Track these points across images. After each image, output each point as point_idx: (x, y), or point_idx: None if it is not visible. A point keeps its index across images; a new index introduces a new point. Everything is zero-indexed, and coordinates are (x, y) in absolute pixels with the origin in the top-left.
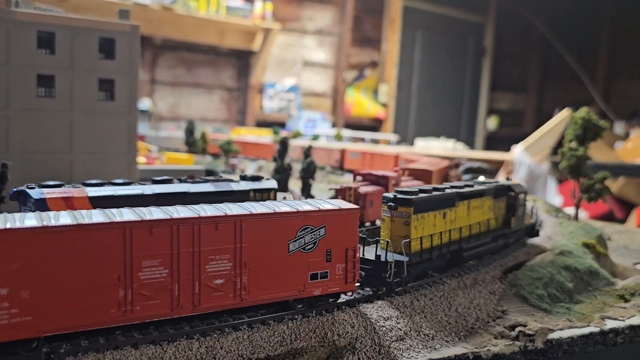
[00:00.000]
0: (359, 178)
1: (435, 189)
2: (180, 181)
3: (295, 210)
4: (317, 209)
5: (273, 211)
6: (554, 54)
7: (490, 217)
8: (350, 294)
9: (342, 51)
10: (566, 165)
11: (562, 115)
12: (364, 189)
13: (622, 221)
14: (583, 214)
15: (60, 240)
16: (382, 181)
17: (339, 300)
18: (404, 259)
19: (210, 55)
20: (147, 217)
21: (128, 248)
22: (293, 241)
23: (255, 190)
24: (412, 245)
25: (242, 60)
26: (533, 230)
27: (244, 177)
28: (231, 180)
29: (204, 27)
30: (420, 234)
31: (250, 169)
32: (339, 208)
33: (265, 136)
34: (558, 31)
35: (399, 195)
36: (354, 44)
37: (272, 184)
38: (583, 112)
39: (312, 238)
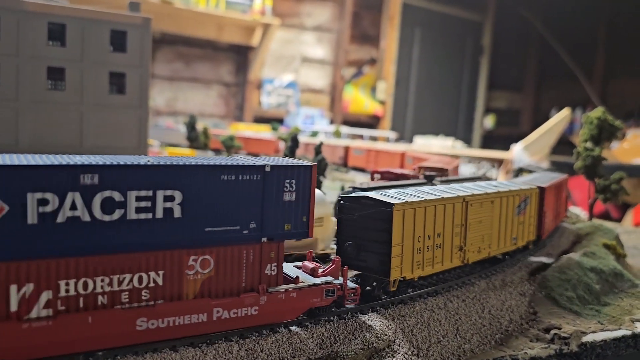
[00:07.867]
0: (377, 176)
1: None
2: None
3: None
4: None
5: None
6: (551, 54)
7: None
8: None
9: (340, 48)
10: (582, 165)
11: (562, 115)
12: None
13: (618, 220)
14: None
15: (550, 192)
16: (401, 179)
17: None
18: None
19: (208, 50)
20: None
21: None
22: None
23: None
24: None
25: (241, 56)
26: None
27: None
28: None
29: (202, 22)
30: None
31: None
32: None
33: (264, 132)
34: (556, 31)
35: None
36: (353, 40)
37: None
38: (599, 111)
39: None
